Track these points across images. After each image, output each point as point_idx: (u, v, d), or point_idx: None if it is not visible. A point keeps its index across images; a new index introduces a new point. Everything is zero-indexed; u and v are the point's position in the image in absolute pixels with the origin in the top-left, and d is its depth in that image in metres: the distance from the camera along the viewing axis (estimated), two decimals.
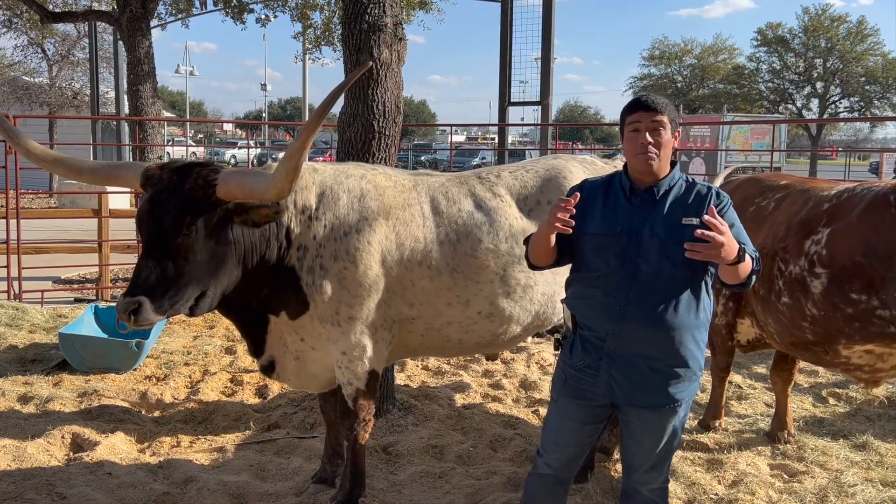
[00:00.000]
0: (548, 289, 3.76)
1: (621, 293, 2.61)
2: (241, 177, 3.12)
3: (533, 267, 2.89)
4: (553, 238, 2.67)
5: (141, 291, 2.99)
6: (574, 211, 2.55)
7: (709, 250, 2.40)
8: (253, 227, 3.22)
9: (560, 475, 2.91)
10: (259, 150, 35.79)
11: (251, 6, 13.97)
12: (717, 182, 5.63)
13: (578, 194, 2.61)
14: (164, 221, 3.04)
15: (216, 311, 3.48)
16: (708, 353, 5.19)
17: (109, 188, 14.27)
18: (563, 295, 2.93)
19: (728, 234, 2.43)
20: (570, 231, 2.57)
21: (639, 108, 2.64)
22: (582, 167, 3.97)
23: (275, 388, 5.41)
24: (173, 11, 15.23)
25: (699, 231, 2.39)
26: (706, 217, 2.41)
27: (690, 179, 2.73)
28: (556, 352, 2.91)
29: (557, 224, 2.55)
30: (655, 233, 2.61)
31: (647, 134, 2.61)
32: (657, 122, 2.61)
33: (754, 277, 2.62)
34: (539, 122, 13.99)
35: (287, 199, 3.40)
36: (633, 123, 2.65)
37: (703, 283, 2.68)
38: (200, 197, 3.08)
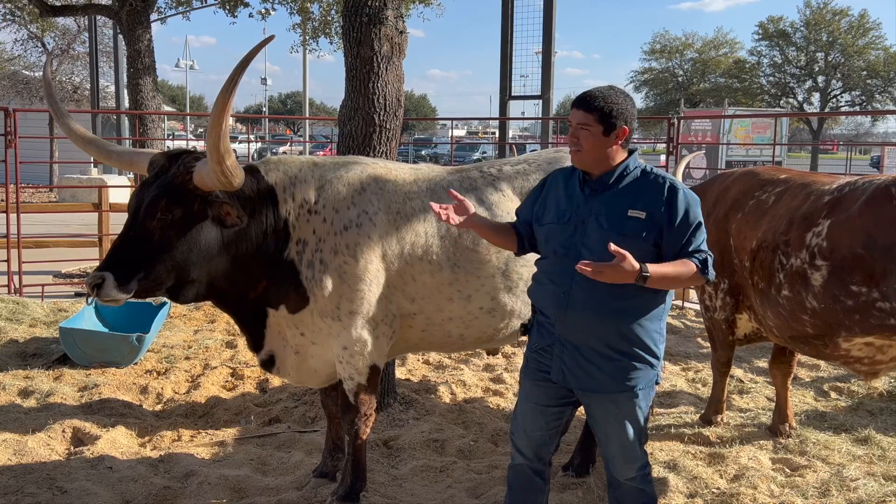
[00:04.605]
0: None
1: (566, 281, 2.68)
2: (205, 164, 3.14)
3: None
4: (494, 229, 2.99)
5: (108, 267, 3.02)
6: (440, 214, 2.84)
7: (595, 274, 2.50)
8: (223, 226, 3.20)
9: (533, 465, 2.96)
10: (259, 145, 35.69)
11: (247, 0, 13.85)
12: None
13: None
14: (142, 203, 3.09)
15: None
16: (709, 347, 5.23)
17: (109, 182, 14.29)
18: None
19: (621, 260, 2.47)
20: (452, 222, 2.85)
21: (573, 105, 2.75)
22: None
23: (275, 382, 5.41)
24: (174, 4, 15.14)
25: (579, 266, 2.49)
26: (611, 247, 2.49)
27: (649, 168, 2.77)
28: (524, 338, 3.01)
29: (444, 219, 2.84)
30: (600, 222, 2.68)
31: (572, 131, 2.73)
32: (582, 122, 2.70)
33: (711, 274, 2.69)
34: (540, 116, 13.95)
35: (285, 193, 3.40)
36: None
37: None
38: (179, 183, 3.12)
